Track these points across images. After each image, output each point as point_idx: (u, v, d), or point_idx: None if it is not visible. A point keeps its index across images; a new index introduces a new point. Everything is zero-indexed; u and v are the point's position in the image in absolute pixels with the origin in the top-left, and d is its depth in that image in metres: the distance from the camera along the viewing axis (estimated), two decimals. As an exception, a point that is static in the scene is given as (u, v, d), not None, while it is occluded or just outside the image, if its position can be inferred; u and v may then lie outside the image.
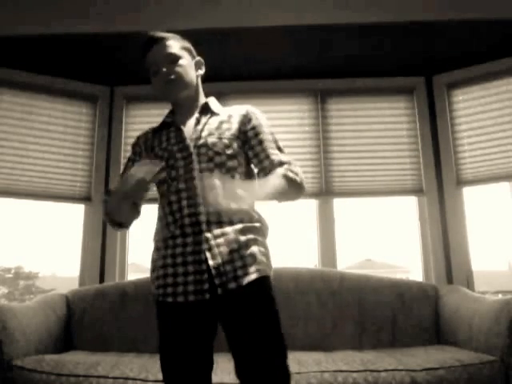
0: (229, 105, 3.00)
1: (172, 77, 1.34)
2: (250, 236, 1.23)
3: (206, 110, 1.39)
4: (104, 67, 2.83)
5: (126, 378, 1.70)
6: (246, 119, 1.35)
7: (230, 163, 1.28)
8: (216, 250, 1.19)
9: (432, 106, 2.87)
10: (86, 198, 2.82)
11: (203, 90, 1.49)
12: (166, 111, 3.02)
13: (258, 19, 2.50)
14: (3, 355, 1.77)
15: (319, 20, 2.48)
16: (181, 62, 1.36)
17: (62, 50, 2.64)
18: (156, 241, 1.32)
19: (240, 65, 2.81)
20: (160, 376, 1.70)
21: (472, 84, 2.81)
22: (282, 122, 2.88)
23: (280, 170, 1.26)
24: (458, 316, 2.15)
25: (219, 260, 1.18)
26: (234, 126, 1.34)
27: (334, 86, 2.93)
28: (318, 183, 2.80)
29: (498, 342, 1.81)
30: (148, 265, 1.36)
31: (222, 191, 1.20)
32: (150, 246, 1.39)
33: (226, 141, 1.30)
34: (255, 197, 1.17)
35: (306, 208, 2.83)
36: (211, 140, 1.29)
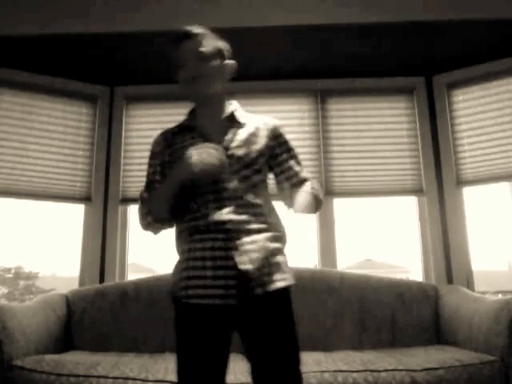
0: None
1: (199, 74, 1.31)
2: (277, 245, 1.26)
3: (233, 118, 1.35)
4: (104, 67, 2.83)
5: (126, 378, 1.70)
6: (274, 135, 1.37)
7: (256, 178, 1.29)
8: (245, 257, 1.20)
9: (432, 106, 2.87)
10: (85, 198, 2.82)
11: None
12: (165, 111, 3.05)
13: (258, 19, 2.50)
14: (3, 355, 1.77)
15: (319, 20, 2.48)
16: (211, 61, 1.33)
17: (62, 50, 2.64)
18: (181, 244, 1.29)
19: (240, 65, 2.81)
20: (160, 376, 1.70)
21: (472, 84, 2.81)
22: (282, 122, 2.86)
23: (307, 188, 1.32)
24: (458, 316, 2.15)
25: (249, 266, 1.19)
26: (262, 140, 1.33)
27: (334, 86, 2.93)
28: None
29: (498, 342, 1.81)
30: (148, 265, 1.35)
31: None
32: (150, 246, 1.38)
33: (253, 155, 1.29)
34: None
35: (306, 208, 2.81)
36: (239, 152, 1.28)
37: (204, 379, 1.18)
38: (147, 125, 2.95)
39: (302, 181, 1.35)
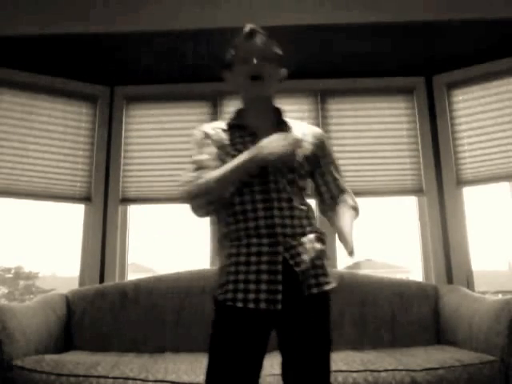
0: (229, 105, 3.01)
1: (262, 73, 1.30)
2: (322, 246, 1.31)
3: (282, 122, 1.37)
4: (104, 67, 2.83)
5: (126, 378, 1.70)
6: (320, 144, 1.38)
7: (301, 182, 1.31)
8: (298, 259, 1.22)
9: (432, 106, 2.87)
10: (85, 198, 2.82)
11: (201, 88, 1.45)
12: (165, 111, 3.05)
13: (258, 19, 2.48)
14: (3, 355, 1.77)
15: (319, 20, 2.48)
16: (273, 65, 1.35)
17: (62, 50, 2.64)
18: (227, 247, 1.27)
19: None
20: (160, 376, 1.70)
21: (472, 84, 2.81)
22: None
23: (349, 201, 1.39)
24: (458, 316, 2.15)
25: (303, 267, 1.21)
26: (309, 147, 1.35)
27: (334, 86, 2.93)
28: (318, 183, 2.80)
29: (498, 342, 1.81)
30: (148, 265, 1.35)
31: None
32: (150, 246, 1.37)
33: (300, 160, 1.30)
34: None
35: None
36: None
37: (239, 381, 1.17)
38: (147, 125, 2.95)
39: (341, 191, 1.40)
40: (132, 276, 2.79)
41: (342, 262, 2.81)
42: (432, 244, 2.72)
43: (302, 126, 1.41)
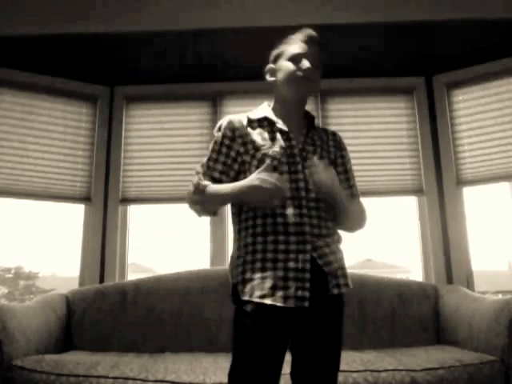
0: (229, 105, 3.00)
1: (310, 76, 1.34)
2: (342, 249, 1.34)
3: (312, 124, 1.41)
4: (104, 67, 2.83)
5: (126, 378, 1.70)
6: (339, 146, 1.44)
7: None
8: (326, 259, 1.24)
9: (432, 106, 2.87)
10: (85, 198, 2.82)
11: (201, 88, 1.47)
12: (165, 111, 3.05)
13: (258, 19, 2.50)
14: (3, 355, 1.77)
15: (319, 20, 2.47)
16: (319, 71, 1.40)
17: (62, 49, 2.64)
18: (250, 243, 1.26)
19: (240, 65, 2.81)
20: (160, 376, 1.70)
21: (472, 84, 2.81)
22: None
23: (362, 205, 1.45)
24: (458, 316, 2.15)
25: (331, 268, 1.24)
26: (332, 149, 1.41)
27: (334, 86, 2.93)
28: (317, 183, 2.80)
29: (498, 342, 1.81)
30: (148, 265, 1.35)
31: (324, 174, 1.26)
32: (150, 246, 1.37)
33: (327, 160, 1.35)
34: (339, 193, 1.28)
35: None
36: (315, 156, 1.32)
37: (265, 380, 1.17)
38: (147, 125, 2.95)
39: (353, 196, 1.45)
40: (132, 276, 2.79)
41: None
42: (432, 244, 2.72)
43: (327, 130, 1.47)
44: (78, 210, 2.85)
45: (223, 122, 1.38)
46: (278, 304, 1.17)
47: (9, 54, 2.66)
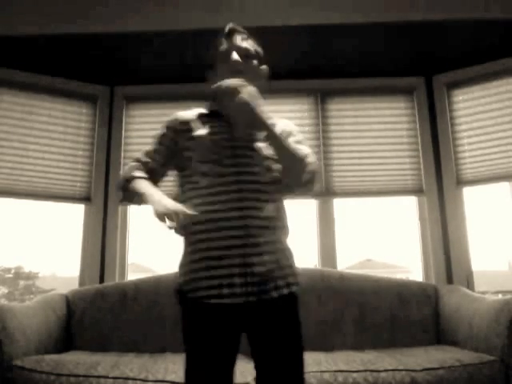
0: (229, 105, 2.99)
1: (241, 68, 1.31)
2: (288, 246, 1.28)
3: None
4: (104, 67, 2.83)
5: (126, 378, 1.70)
6: (288, 129, 1.36)
7: (275, 167, 1.28)
8: (263, 258, 1.19)
9: (432, 106, 2.87)
10: (85, 198, 2.82)
11: (201, 88, 1.45)
12: (165, 111, 3.05)
13: (258, 19, 2.49)
14: (3, 355, 1.77)
15: (319, 20, 2.48)
16: (253, 61, 1.36)
17: (62, 49, 2.64)
18: (194, 242, 1.25)
19: (240, 65, 2.81)
20: (160, 376, 1.70)
21: (472, 84, 2.81)
22: (282, 121, 2.88)
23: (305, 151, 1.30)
24: (458, 316, 2.15)
25: (266, 267, 1.19)
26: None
27: (334, 86, 2.93)
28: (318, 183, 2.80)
29: (498, 342, 1.81)
30: (148, 265, 1.35)
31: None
32: (150, 246, 1.37)
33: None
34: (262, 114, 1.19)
35: (306, 208, 2.83)
36: (261, 145, 1.28)
37: (213, 380, 1.17)
38: (147, 125, 2.95)
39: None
40: (132, 276, 2.79)
41: (342, 262, 2.81)
42: (432, 244, 2.72)
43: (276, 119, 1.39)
44: (77, 210, 2.85)
45: (170, 117, 1.37)
46: (225, 301, 1.16)
47: (9, 54, 2.66)
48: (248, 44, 1.36)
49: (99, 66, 2.81)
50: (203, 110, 1.39)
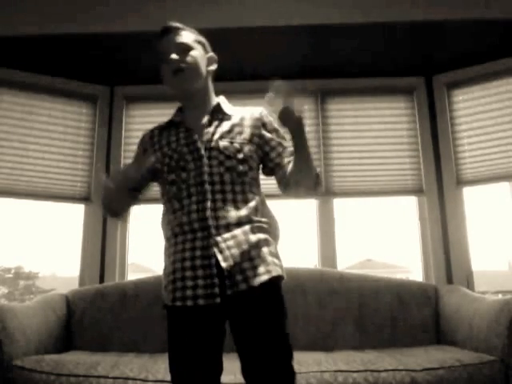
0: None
1: (182, 65, 1.30)
2: (261, 236, 1.24)
3: (217, 111, 1.35)
4: (104, 67, 2.83)
5: (126, 378, 1.70)
6: (260, 123, 1.35)
7: (241, 167, 1.27)
8: (227, 253, 1.18)
9: (432, 106, 2.87)
10: (85, 198, 2.82)
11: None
12: (165, 111, 3.03)
13: (258, 19, 2.50)
14: (3, 355, 1.77)
15: (319, 20, 2.48)
16: (192, 52, 1.33)
17: (62, 49, 2.64)
18: (166, 247, 1.29)
19: (240, 65, 2.81)
20: (160, 376, 1.70)
21: (472, 84, 2.81)
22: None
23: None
24: (458, 316, 2.15)
25: (231, 262, 1.17)
26: (247, 129, 1.32)
27: (334, 86, 2.93)
28: (318, 183, 2.80)
29: (498, 342, 1.81)
30: (148, 265, 1.36)
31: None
32: (149, 246, 1.39)
33: (237, 145, 1.28)
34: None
35: (306, 208, 2.83)
36: (222, 143, 1.27)
37: (197, 381, 1.17)
38: (147, 125, 2.92)
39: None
40: (132, 276, 2.79)
41: (342, 262, 2.81)
42: (432, 244, 2.72)
43: (242, 110, 1.38)
44: (78, 210, 2.85)
45: (142, 135, 1.46)
46: (189, 304, 1.17)
47: (9, 54, 2.66)
48: (184, 37, 1.35)
49: (99, 65, 2.81)
50: (164, 122, 1.44)
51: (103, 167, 2.85)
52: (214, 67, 1.41)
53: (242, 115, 1.35)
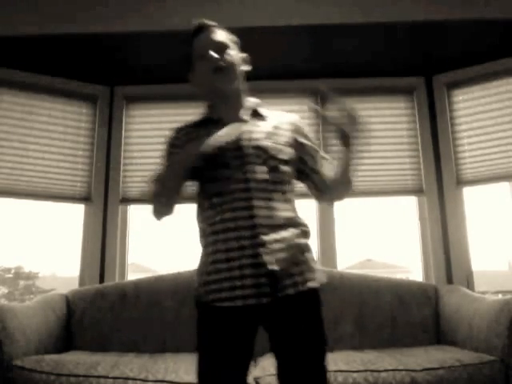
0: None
1: (222, 64, 1.28)
2: (305, 241, 1.25)
3: (255, 111, 1.35)
4: (104, 67, 2.83)
5: (126, 378, 1.70)
6: (297, 128, 1.37)
7: (284, 168, 1.27)
8: (277, 255, 1.17)
9: (432, 106, 2.87)
10: (85, 198, 2.82)
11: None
12: (165, 111, 3.05)
13: (258, 19, 2.50)
14: (3, 355, 1.77)
15: (319, 20, 2.48)
16: (230, 51, 1.32)
17: (62, 49, 2.64)
18: (204, 245, 1.25)
19: (240, 65, 2.81)
20: (160, 376, 1.70)
21: (472, 84, 2.81)
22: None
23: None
24: (458, 316, 2.15)
25: (281, 265, 1.17)
26: (286, 133, 1.33)
27: (334, 86, 2.92)
28: (318, 183, 2.80)
29: (498, 342, 1.81)
30: (148, 265, 1.35)
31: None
32: (150, 246, 1.36)
33: (280, 146, 1.28)
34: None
35: (307, 208, 2.82)
36: (265, 143, 1.26)
37: (229, 381, 1.16)
38: (147, 125, 2.95)
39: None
40: (132, 276, 2.79)
41: (342, 262, 2.81)
42: (432, 244, 2.72)
43: (276, 113, 1.39)
44: (78, 210, 2.85)
45: (170, 133, 1.38)
46: (238, 304, 1.15)
47: (9, 54, 2.66)
48: (221, 36, 1.34)
49: (99, 66, 2.81)
50: (198, 119, 1.37)
51: (103, 167, 2.85)
52: (247, 67, 1.40)
53: (279, 119, 1.37)
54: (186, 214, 1.34)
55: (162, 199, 1.26)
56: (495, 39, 2.61)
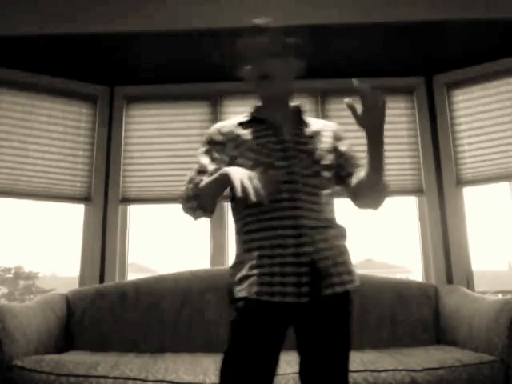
0: (229, 105, 3.00)
1: (266, 73, 1.28)
2: (343, 243, 1.29)
3: (299, 116, 1.37)
4: (104, 67, 2.83)
5: (126, 378, 1.70)
6: (337, 135, 1.42)
7: (325, 173, 1.30)
8: (318, 255, 1.19)
9: (432, 106, 2.87)
10: (85, 198, 2.82)
11: (201, 88, 1.44)
12: (165, 111, 3.05)
13: (258, 19, 2.49)
14: (3, 355, 1.77)
15: (319, 20, 2.48)
16: (279, 59, 1.31)
17: (62, 49, 2.64)
18: (246, 241, 1.26)
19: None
20: (160, 376, 1.70)
21: (472, 84, 2.81)
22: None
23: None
24: (458, 316, 2.15)
25: (321, 265, 1.19)
26: (328, 139, 1.37)
27: (334, 86, 2.93)
28: (317, 183, 2.80)
29: (498, 342, 1.81)
30: (148, 265, 1.34)
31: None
32: (150, 246, 1.35)
33: (323, 152, 1.32)
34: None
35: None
36: (310, 147, 1.30)
37: (259, 378, 1.16)
38: (147, 125, 2.95)
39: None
40: (132, 276, 2.79)
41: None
42: (432, 244, 2.72)
43: (317, 120, 1.43)
44: (78, 210, 2.85)
45: (209, 130, 1.37)
46: (276, 300, 1.16)
47: (9, 54, 2.66)
48: (274, 41, 1.33)
49: (99, 65, 2.81)
50: (242, 119, 1.37)
51: (103, 167, 2.85)
52: (299, 73, 1.39)
53: (321, 125, 1.39)
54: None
55: (194, 205, 1.27)
56: (495, 39, 2.61)
